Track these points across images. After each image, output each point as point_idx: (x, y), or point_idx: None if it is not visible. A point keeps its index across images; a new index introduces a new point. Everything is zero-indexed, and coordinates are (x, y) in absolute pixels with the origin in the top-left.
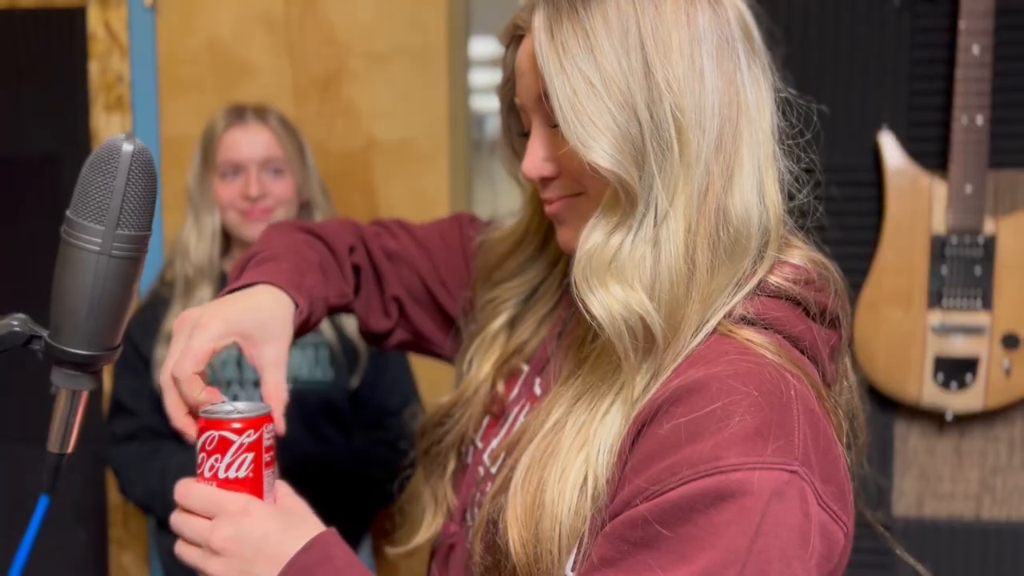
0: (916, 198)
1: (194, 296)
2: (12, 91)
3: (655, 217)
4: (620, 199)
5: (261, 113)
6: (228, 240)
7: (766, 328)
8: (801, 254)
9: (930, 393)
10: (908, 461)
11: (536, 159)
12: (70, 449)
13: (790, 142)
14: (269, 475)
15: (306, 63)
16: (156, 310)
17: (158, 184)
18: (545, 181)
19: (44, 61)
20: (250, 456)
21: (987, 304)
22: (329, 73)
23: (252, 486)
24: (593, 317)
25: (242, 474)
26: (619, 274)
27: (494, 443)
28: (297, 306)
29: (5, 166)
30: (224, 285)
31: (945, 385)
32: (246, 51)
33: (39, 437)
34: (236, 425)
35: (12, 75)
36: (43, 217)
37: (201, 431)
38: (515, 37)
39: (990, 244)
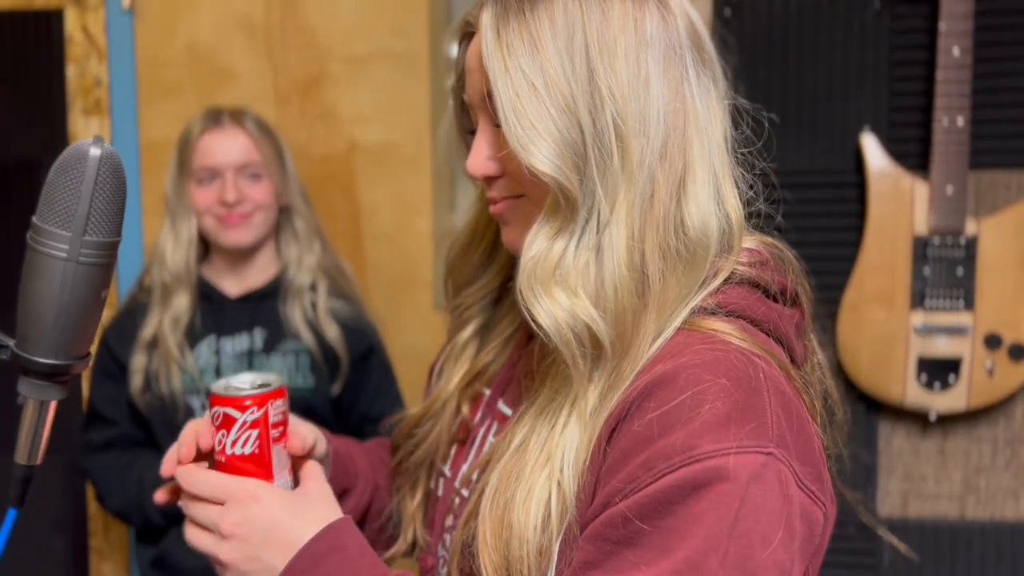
0: (898, 199)
1: (171, 303)
2: None
3: (597, 224)
4: (561, 204)
5: (238, 116)
6: (206, 246)
7: (728, 315)
8: (753, 238)
9: (913, 394)
10: (892, 462)
11: (480, 157)
12: (39, 461)
13: (743, 150)
14: (279, 451)
15: (287, 67)
16: (134, 317)
17: (128, 189)
18: (489, 180)
19: (21, 64)
20: (255, 433)
21: (969, 305)
22: (310, 77)
23: (259, 462)
24: (539, 326)
25: (247, 451)
26: (563, 281)
27: (464, 469)
28: None
29: None
30: (201, 291)
31: (928, 386)
32: (226, 55)
33: (7, 447)
34: (242, 403)
35: None
36: (21, 222)
37: (210, 406)
38: (466, 34)
39: (972, 245)
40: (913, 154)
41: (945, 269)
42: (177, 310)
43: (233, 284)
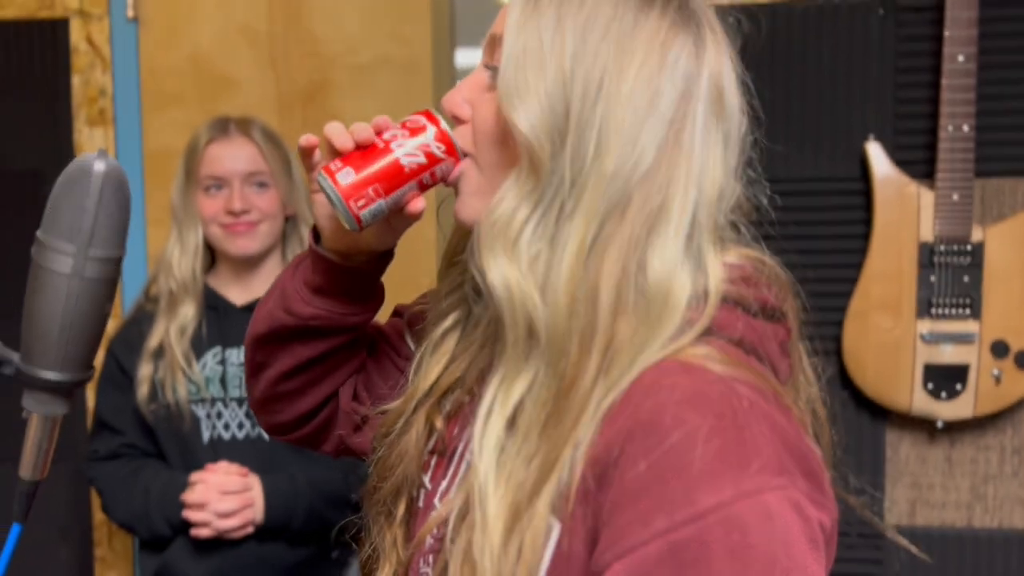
0: (904, 207)
1: (177, 312)
2: None
3: (558, 217)
4: (529, 171)
5: (245, 126)
6: (213, 255)
7: (705, 336)
8: (734, 252)
9: (920, 401)
10: (899, 470)
11: (459, 94)
12: (43, 475)
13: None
14: (413, 186)
15: (290, 75)
16: (140, 326)
17: (140, 198)
18: (457, 122)
19: (26, 74)
20: (422, 159)
21: (976, 312)
22: (313, 85)
23: (399, 175)
24: (488, 286)
25: (404, 161)
26: (518, 257)
27: (443, 484)
28: None
29: None
30: (207, 300)
31: (935, 393)
32: (229, 64)
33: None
34: (442, 127)
35: None
36: (25, 233)
37: (419, 112)
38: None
39: (978, 252)
40: (918, 161)
41: (951, 277)
42: (183, 319)
43: (239, 293)
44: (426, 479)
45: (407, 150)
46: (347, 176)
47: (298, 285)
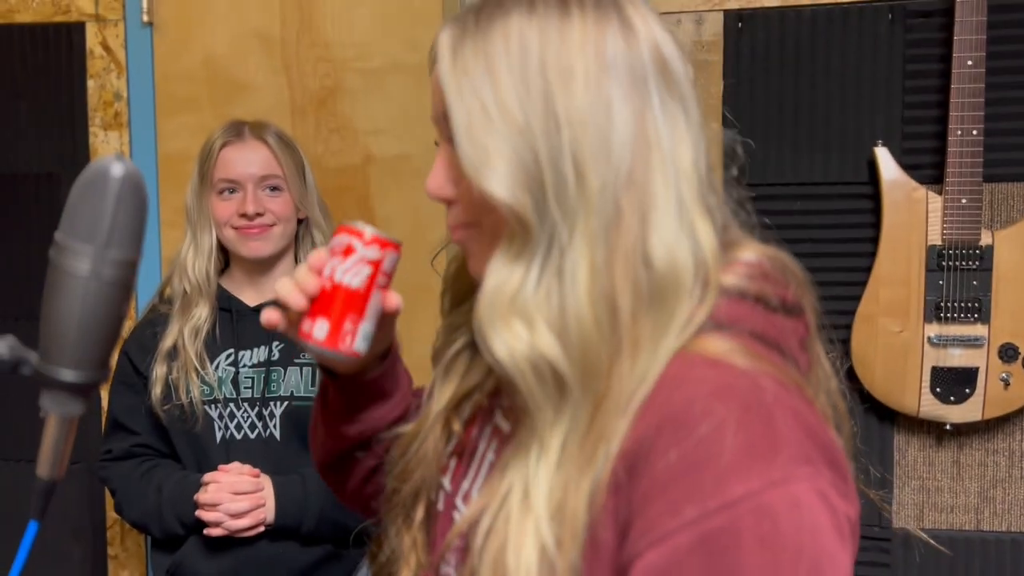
0: (912, 211)
1: (191, 313)
2: (10, 108)
3: (559, 252)
4: (517, 231)
5: (259, 129)
6: (227, 257)
7: (725, 330)
8: (752, 249)
9: (928, 405)
10: (907, 473)
11: (438, 179)
12: (60, 474)
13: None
14: (377, 298)
15: (303, 80)
16: (154, 327)
17: (154, 201)
18: (448, 204)
19: (42, 78)
20: (367, 270)
21: (984, 316)
22: (325, 90)
23: (359, 299)
24: (497, 360)
25: (355, 283)
26: (522, 311)
27: (464, 485)
28: None
29: (3, 183)
30: (220, 302)
31: (943, 397)
32: (243, 68)
33: (32, 457)
34: (365, 237)
35: (10, 92)
36: (41, 235)
37: (335, 234)
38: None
39: (987, 256)
40: (926, 166)
41: (960, 281)
42: (197, 321)
43: (252, 295)
44: (445, 481)
45: (351, 272)
46: (321, 329)
47: (335, 413)
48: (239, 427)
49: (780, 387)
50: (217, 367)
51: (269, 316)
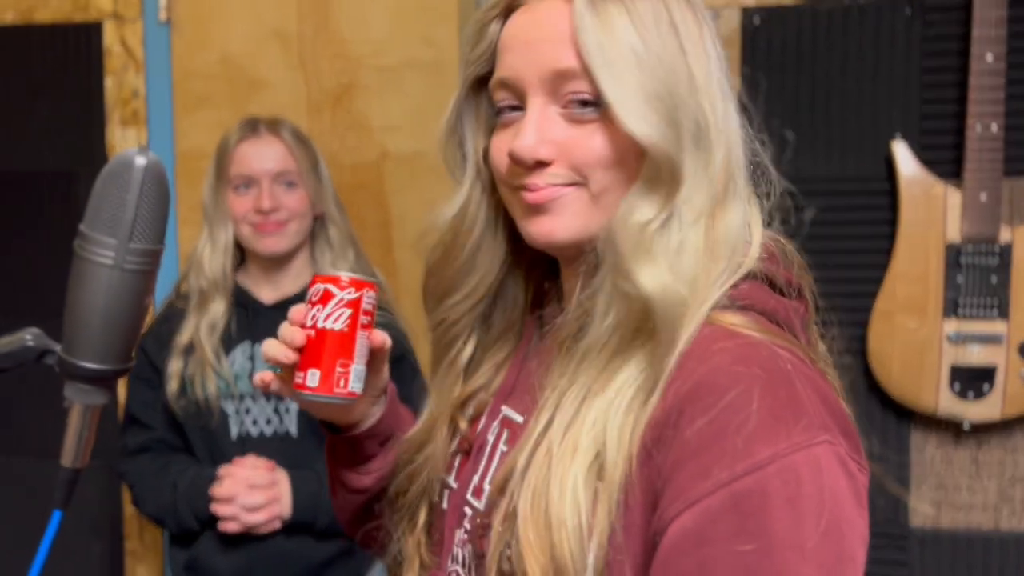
0: (930, 206)
1: (207, 309)
2: (29, 107)
3: (688, 198)
4: (661, 174)
5: (274, 126)
6: (243, 253)
7: (742, 308)
8: (760, 232)
9: (946, 402)
10: (925, 471)
11: (530, 139)
12: (83, 464)
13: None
14: (363, 337)
15: (319, 77)
16: (170, 323)
17: (171, 198)
18: (538, 166)
19: (60, 76)
20: (348, 312)
21: (1003, 313)
22: (341, 87)
23: (345, 340)
24: (639, 289)
25: (338, 327)
26: (662, 255)
27: (475, 479)
28: None
29: (22, 181)
30: (237, 297)
31: (962, 394)
32: (259, 66)
33: (51, 452)
34: (341, 282)
35: (29, 91)
36: (60, 232)
37: (311, 284)
38: (507, 10)
39: (1006, 252)
40: (945, 161)
41: (979, 277)
42: (213, 316)
43: (268, 291)
44: (450, 479)
45: (332, 316)
46: (313, 378)
47: (346, 467)
48: (255, 422)
49: (795, 358)
50: (233, 363)
51: (262, 377)
